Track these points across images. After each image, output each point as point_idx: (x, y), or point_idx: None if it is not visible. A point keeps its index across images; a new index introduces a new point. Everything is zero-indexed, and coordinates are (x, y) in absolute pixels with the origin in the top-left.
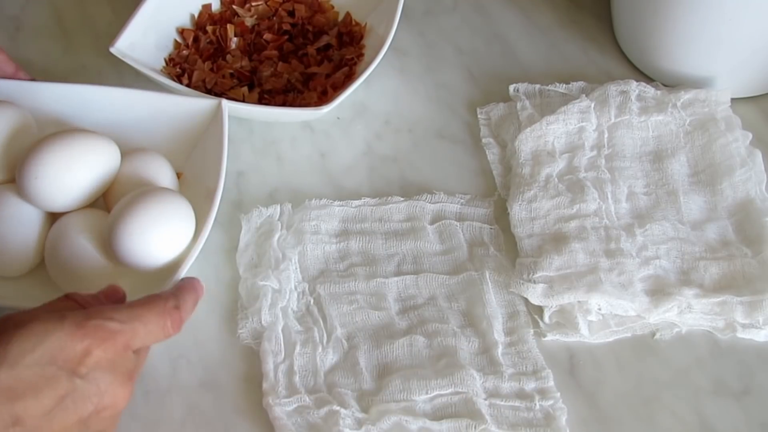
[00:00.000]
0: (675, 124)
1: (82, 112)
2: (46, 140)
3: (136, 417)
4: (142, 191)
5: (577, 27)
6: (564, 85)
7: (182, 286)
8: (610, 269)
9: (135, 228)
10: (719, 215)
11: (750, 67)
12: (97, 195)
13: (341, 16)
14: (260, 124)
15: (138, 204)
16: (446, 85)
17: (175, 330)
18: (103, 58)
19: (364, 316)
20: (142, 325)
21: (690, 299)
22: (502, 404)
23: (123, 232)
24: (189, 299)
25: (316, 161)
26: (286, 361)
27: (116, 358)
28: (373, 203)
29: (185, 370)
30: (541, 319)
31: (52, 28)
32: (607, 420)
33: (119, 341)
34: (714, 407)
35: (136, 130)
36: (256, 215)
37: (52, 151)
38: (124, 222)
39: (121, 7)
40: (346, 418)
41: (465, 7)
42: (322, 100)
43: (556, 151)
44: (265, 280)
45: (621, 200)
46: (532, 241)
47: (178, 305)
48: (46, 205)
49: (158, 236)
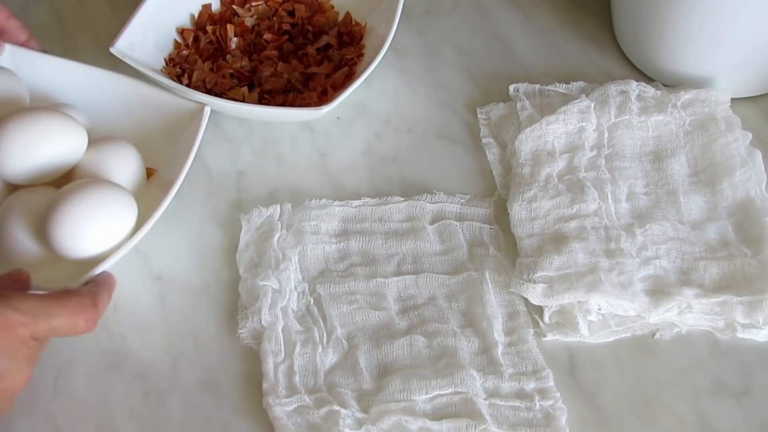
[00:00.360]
0: (675, 124)
1: (77, 91)
2: (16, 114)
3: (136, 417)
4: (84, 182)
5: (577, 27)
6: (564, 85)
7: (99, 282)
8: (610, 269)
9: (66, 217)
10: (719, 215)
11: (750, 67)
12: (56, 174)
13: (341, 16)
14: (260, 124)
15: (75, 194)
16: (446, 85)
17: (89, 327)
18: (103, 58)
19: (364, 316)
20: (48, 318)
21: (690, 299)
22: (502, 404)
23: (54, 220)
24: (105, 295)
25: (316, 161)
26: (286, 361)
27: (15, 345)
28: (373, 203)
29: (185, 370)
30: (541, 319)
31: (52, 28)
32: (607, 420)
33: (19, 331)
34: (714, 407)
35: (121, 118)
36: (256, 215)
37: (18, 124)
38: (57, 210)
39: (121, 7)
40: (346, 418)
41: (465, 7)
42: (322, 100)
43: (556, 151)
44: (265, 280)
45: (621, 200)
46: (532, 241)
47: (95, 303)
48: (2, 176)
49: (89, 228)
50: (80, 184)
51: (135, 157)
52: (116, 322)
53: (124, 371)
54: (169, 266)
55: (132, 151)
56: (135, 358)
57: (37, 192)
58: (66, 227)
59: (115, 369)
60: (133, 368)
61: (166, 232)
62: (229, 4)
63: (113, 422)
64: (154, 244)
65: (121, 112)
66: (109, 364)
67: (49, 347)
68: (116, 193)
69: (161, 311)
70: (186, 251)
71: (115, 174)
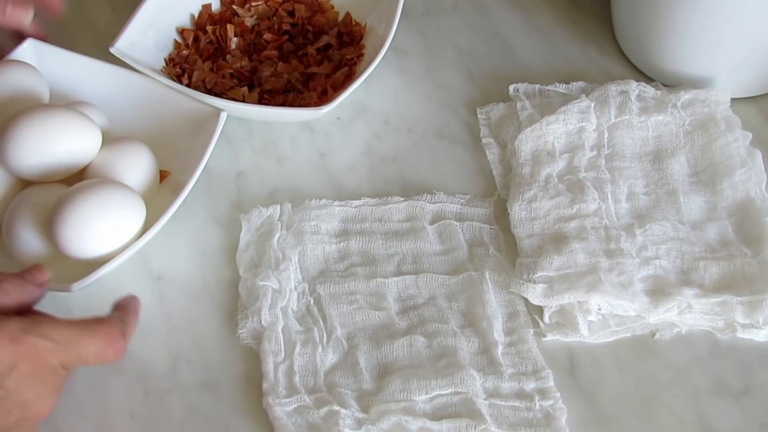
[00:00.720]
0: (675, 124)
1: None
2: (32, 110)
3: (136, 417)
4: (92, 182)
5: (577, 27)
6: (564, 85)
7: (127, 309)
8: (610, 269)
9: (72, 217)
10: (719, 215)
11: (750, 67)
12: (69, 173)
13: (341, 16)
14: (260, 124)
15: (81, 194)
16: (446, 85)
17: (118, 357)
18: (103, 58)
19: (364, 316)
20: (79, 348)
21: (690, 299)
22: (502, 404)
23: (60, 219)
24: (133, 324)
25: (316, 161)
26: (286, 361)
27: (44, 374)
28: (373, 203)
29: (185, 370)
30: (541, 319)
31: (52, 28)
32: (607, 420)
33: (50, 360)
34: (714, 407)
35: (139, 118)
36: (256, 215)
37: (33, 120)
38: (63, 209)
39: (121, 7)
40: (346, 418)
41: (465, 7)
42: (322, 100)
43: (556, 151)
44: (265, 280)
45: (621, 200)
46: (532, 241)
47: (124, 332)
48: (14, 171)
49: (94, 228)
50: (88, 184)
51: (148, 158)
52: None
53: (124, 371)
54: (169, 266)
55: (146, 153)
56: (135, 358)
57: (49, 189)
58: (71, 227)
59: (115, 369)
60: (133, 368)
61: (166, 232)
62: (229, 4)
63: (113, 422)
64: (154, 244)
65: (138, 113)
66: (109, 364)
67: None
68: (124, 195)
69: (161, 311)
70: (186, 251)
71: (127, 175)
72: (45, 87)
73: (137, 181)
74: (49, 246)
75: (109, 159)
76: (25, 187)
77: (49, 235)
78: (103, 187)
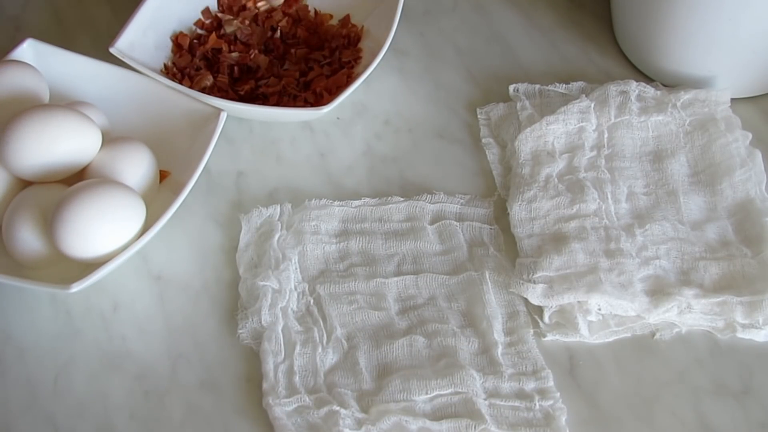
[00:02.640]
0: (675, 124)
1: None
2: (32, 110)
3: (136, 417)
4: (91, 182)
5: (577, 27)
6: (564, 85)
7: None
8: (610, 269)
9: (70, 217)
10: (719, 215)
11: (750, 67)
12: (69, 173)
13: (341, 15)
14: (260, 124)
15: (80, 194)
16: (446, 85)
17: None
18: (103, 58)
19: (364, 316)
20: None
21: (690, 299)
22: (502, 404)
23: (58, 219)
24: None
25: (316, 161)
26: (286, 361)
27: None
28: (373, 203)
29: (185, 370)
30: (541, 319)
31: (52, 28)
32: (607, 420)
33: None
34: (714, 407)
35: (139, 118)
36: (256, 215)
37: (33, 120)
38: (61, 209)
39: (121, 7)
40: (346, 418)
41: (465, 7)
42: (322, 100)
43: (555, 151)
44: (265, 280)
45: (621, 200)
46: (532, 241)
47: None
48: (14, 171)
49: (93, 229)
50: (87, 184)
51: (148, 158)
52: (116, 322)
53: (124, 371)
54: (169, 266)
55: (146, 153)
56: (135, 359)
57: (49, 189)
58: (71, 227)
59: (115, 369)
60: (133, 368)
61: (166, 232)
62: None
63: (113, 422)
64: (154, 244)
65: (138, 113)
66: (109, 364)
67: (49, 347)
68: (124, 195)
69: (161, 311)
70: (186, 251)
71: (127, 175)
72: (45, 87)
73: (137, 181)
74: (49, 246)
75: (109, 159)
76: (25, 187)
77: (49, 235)
78: (103, 187)
